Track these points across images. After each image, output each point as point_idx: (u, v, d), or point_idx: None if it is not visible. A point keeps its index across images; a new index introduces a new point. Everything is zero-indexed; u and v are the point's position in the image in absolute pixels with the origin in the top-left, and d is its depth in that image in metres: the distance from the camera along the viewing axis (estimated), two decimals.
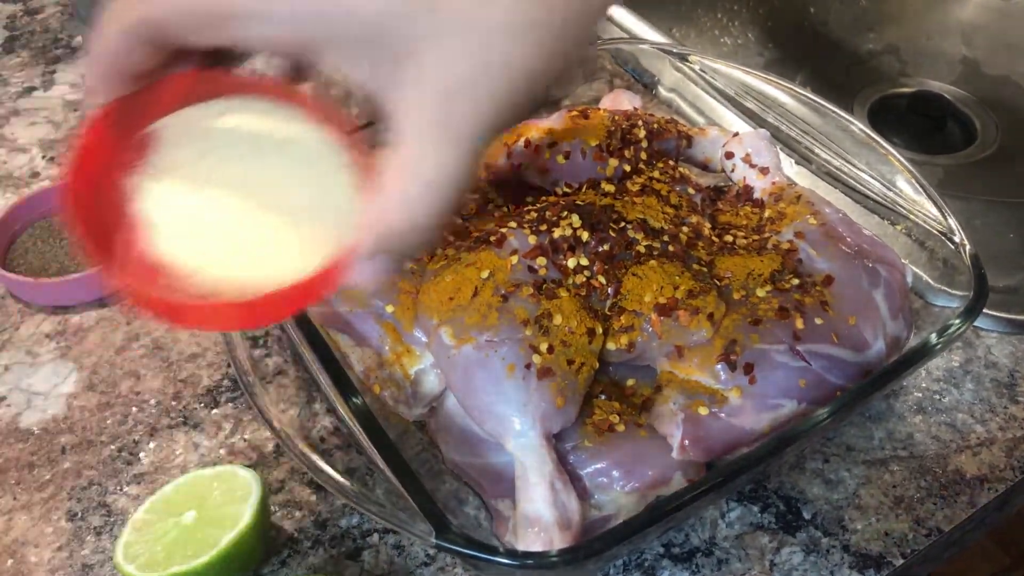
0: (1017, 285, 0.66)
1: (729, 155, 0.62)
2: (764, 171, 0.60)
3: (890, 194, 0.60)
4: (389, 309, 0.51)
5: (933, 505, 0.52)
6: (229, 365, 0.59)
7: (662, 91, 0.78)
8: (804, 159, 0.65)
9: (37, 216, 0.68)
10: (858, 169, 0.62)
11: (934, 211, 0.56)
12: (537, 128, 0.59)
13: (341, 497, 0.44)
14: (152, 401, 0.58)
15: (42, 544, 0.51)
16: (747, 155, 0.61)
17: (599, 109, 0.60)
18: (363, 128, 0.58)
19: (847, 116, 0.62)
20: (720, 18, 1.12)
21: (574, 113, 0.59)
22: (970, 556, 1.09)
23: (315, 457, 0.45)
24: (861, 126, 0.62)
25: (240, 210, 0.37)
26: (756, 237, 0.55)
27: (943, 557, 0.53)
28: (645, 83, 0.80)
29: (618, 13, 0.90)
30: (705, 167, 0.64)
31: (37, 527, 0.51)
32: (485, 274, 0.49)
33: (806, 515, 0.51)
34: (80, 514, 0.52)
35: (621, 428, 0.47)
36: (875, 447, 0.55)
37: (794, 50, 1.09)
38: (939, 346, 0.49)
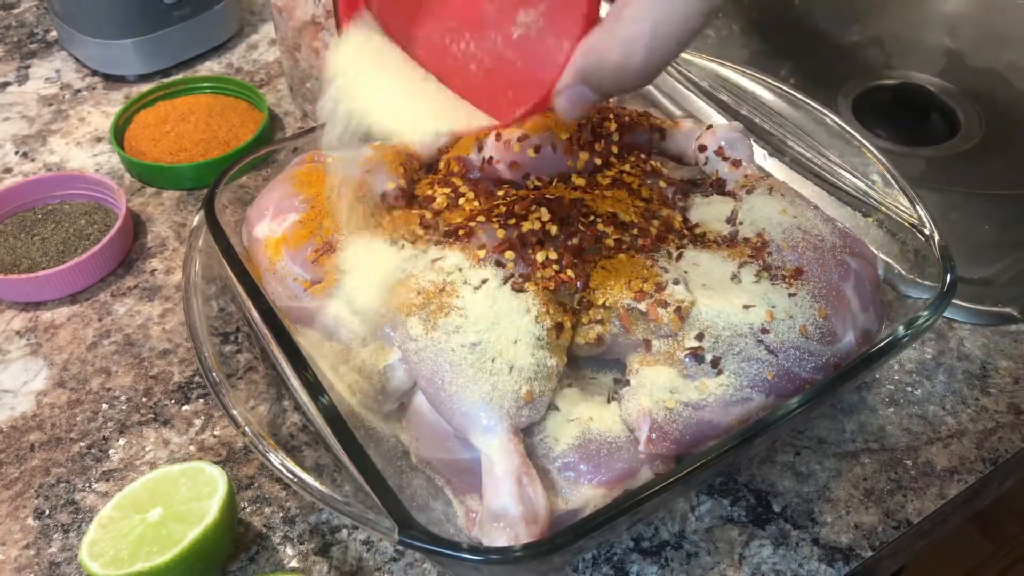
0: (991, 277, 0.66)
1: (702, 148, 0.61)
2: (736, 163, 0.60)
3: (863, 186, 0.59)
4: (357, 304, 0.51)
5: (903, 497, 0.52)
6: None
7: None
8: (778, 151, 0.65)
9: (9, 212, 0.68)
10: (831, 161, 0.62)
11: (906, 203, 0.56)
12: None
13: (307, 495, 0.44)
14: (123, 398, 0.57)
15: (9, 542, 0.50)
16: (720, 147, 0.61)
17: None
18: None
19: (821, 108, 0.62)
20: None
21: None
22: (952, 544, 1.09)
23: (280, 455, 0.45)
24: (835, 118, 0.62)
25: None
26: (727, 230, 0.55)
27: (913, 549, 0.53)
28: None
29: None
30: (679, 160, 0.64)
31: (4, 525, 0.51)
32: (453, 269, 0.49)
33: (776, 508, 0.51)
34: (48, 512, 0.52)
35: (589, 422, 0.47)
36: (846, 440, 0.55)
37: (778, 42, 1.08)
38: (907, 338, 0.48)
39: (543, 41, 0.42)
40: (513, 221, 0.51)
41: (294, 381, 0.47)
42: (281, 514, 0.51)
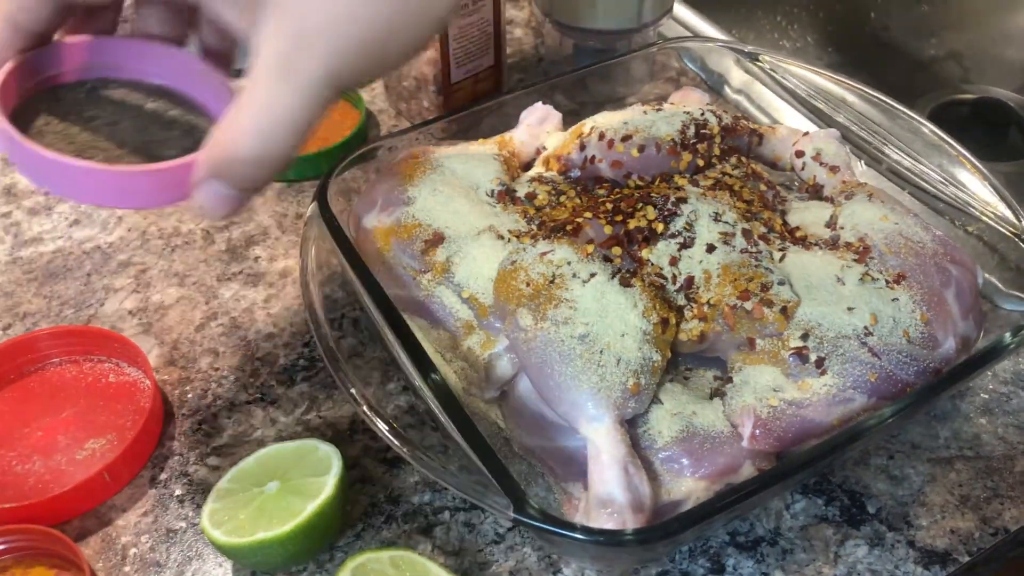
0: None
1: (799, 153, 0.62)
2: (834, 169, 0.60)
3: (961, 196, 0.60)
4: (465, 294, 0.53)
5: (1000, 505, 0.52)
6: (305, 345, 0.61)
7: (728, 91, 0.78)
8: (874, 160, 0.66)
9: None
10: (929, 170, 0.62)
11: (1007, 213, 0.56)
12: (611, 121, 0.60)
13: (422, 469, 0.45)
14: (231, 377, 0.60)
15: (129, 508, 0.53)
16: (817, 153, 0.61)
17: (673, 104, 0.61)
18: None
19: (918, 118, 0.63)
20: (780, 21, 1.12)
21: (648, 107, 0.60)
22: None
23: (393, 431, 0.47)
24: (933, 127, 0.62)
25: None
26: (828, 234, 0.56)
27: (1006, 557, 0.53)
28: (710, 83, 0.81)
29: (682, 12, 0.91)
30: (774, 165, 0.65)
31: (123, 492, 0.54)
32: (562, 262, 0.50)
33: (870, 509, 0.52)
34: (164, 482, 0.54)
35: (692, 416, 0.48)
36: (940, 446, 0.55)
37: (854, 54, 1.09)
38: (1012, 346, 0.49)
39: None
40: (620, 218, 0.52)
41: (406, 360, 0.49)
42: (385, 494, 0.53)
